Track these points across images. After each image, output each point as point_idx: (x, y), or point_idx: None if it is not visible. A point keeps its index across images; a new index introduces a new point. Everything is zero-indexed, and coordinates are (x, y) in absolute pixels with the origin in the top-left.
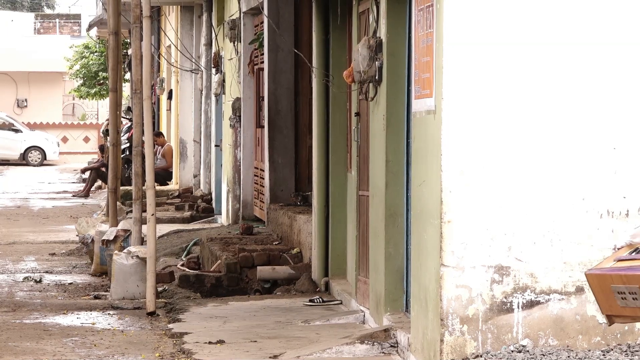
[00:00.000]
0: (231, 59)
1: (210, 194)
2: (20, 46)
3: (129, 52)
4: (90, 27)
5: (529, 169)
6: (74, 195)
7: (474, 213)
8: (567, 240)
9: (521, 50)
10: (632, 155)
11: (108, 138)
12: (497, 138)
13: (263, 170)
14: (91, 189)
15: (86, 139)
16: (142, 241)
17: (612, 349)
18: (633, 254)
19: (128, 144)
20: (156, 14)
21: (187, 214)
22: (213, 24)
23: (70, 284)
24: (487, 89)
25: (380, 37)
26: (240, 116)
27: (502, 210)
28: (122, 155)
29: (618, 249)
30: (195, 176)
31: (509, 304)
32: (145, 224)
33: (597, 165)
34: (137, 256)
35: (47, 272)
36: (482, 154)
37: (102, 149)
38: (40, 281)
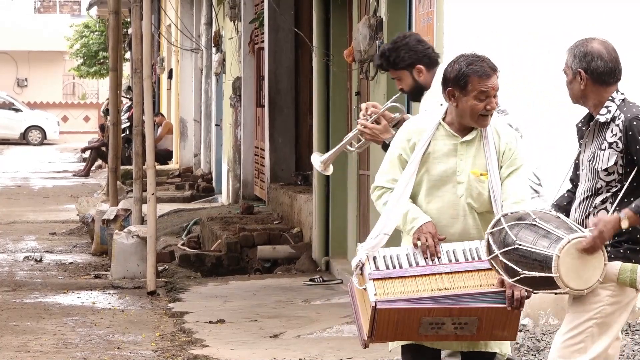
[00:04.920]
0: (231, 38)
1: (210, 173)
2: (21, 25)
3: (129, 31)
4: (90, 6)
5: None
6: (74, 175)
7: None
8: None
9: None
10: None
11: (108, 117)
12: None
13: (263, 150)
14: (91, 169)
15: (86, 119)
16: (143, 220)
17: None
18: (373, 267)
19: (128, 124)
20: None
21: (187, 193)
22: (213, 2)
23: (71, 263)
24: None
25: (380, 16)
26: (240, 95)
27: None
28: (122, 135)
29: (362, 264)
30: (195, 155)
31: None
32: (146, 203)
33: None
34: (138, 235)
35: (47, 251)
36: None
37: (102, 128)
38: (40, 260)
